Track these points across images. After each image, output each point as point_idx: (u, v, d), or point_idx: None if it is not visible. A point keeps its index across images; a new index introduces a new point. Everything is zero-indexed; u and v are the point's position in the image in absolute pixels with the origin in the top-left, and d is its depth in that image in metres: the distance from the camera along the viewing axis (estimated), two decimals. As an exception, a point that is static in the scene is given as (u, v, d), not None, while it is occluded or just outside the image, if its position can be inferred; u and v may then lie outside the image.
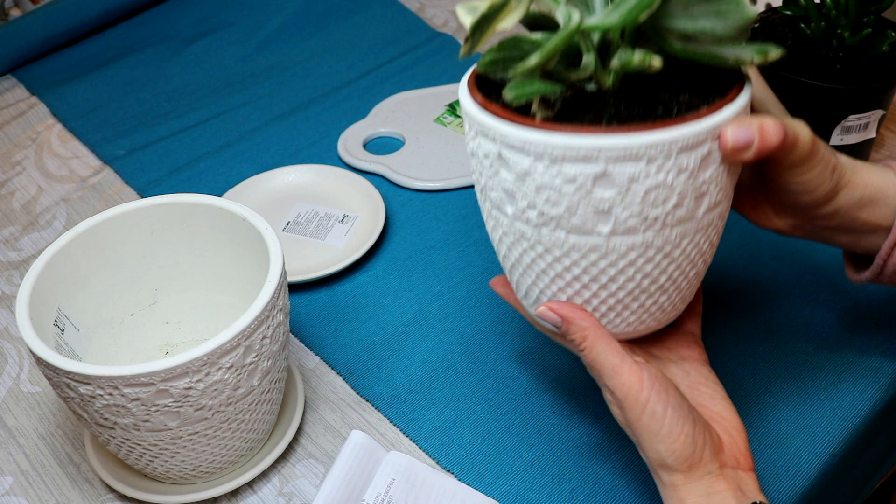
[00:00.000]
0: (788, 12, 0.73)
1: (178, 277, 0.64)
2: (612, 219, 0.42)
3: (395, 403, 0.63)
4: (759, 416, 0.59)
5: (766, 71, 0.73)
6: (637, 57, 0.40)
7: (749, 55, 0.41)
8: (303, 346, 0.68)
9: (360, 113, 0.91)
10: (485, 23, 0.40)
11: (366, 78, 0.97)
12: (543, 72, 0.43)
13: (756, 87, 0.48)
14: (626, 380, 0.44)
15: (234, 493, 0.58)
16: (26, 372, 0.68)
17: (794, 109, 0.73)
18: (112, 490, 0.59)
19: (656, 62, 0.40)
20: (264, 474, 0.59)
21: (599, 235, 0.43)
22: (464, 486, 0.57)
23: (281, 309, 0.53)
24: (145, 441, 0.52)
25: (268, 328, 0.52)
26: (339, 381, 0.65)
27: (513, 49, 0.41)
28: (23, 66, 1.04)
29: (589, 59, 0.42)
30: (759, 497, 0.46)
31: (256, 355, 0.51)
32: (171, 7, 1.12)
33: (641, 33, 0.44)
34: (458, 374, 0.64)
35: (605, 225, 0.43)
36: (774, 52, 0.41)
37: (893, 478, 0.79)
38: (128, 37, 1.08)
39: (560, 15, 0.41)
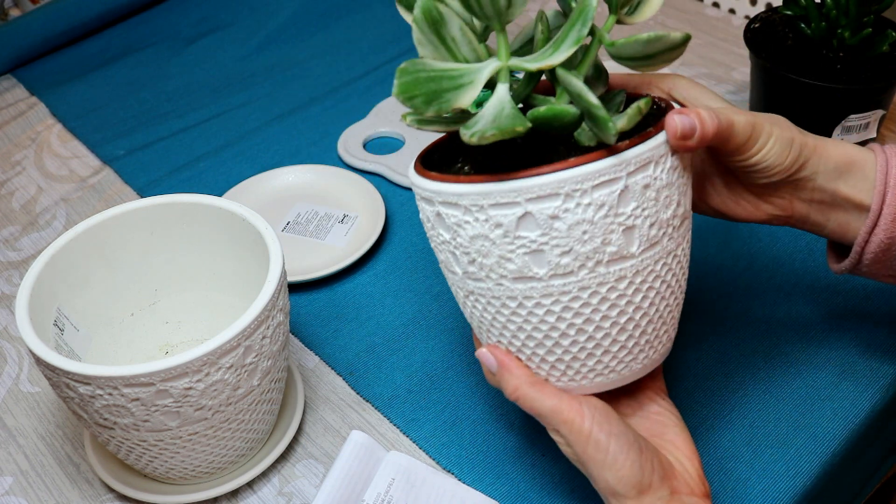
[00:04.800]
0: (788, 12, 0.73)
1: (178, 277, 0.64)
2: (545, 260, 0.43)
3: (395, 403, 0.63)
4: (759, 416, 0.59)
5: (768, 72, 0.74)
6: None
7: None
8: (303, 346, 0.68)
9: (360, 113, 0.91)
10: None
11: (366, 78, 0.97)
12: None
13: (684, 87, 0.51)
14: (567, 416, 0.45)
15: (234, 493, 0.58)
16: (26, 372, 0.68)
17: (795, 109, 0.73)
18: (112, 490, 0.59)
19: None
20: (264, 474, 0.59)
21: (536, 279, 0.44)
22: (464, 486, 0.57)
23: (281, 309, 0.53)
24: (145, 441, 0.52)
25: (268, 328, 0.52)
26: (339, 381, 0.65)
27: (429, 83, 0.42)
28: (23, 66, 1.04)
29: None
30: None
31: (256, 355, 0.51)
32: (171, 7, 1.12)
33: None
34: (458, 374, 0.64)
35: (539, 268, 0.44)
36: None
37: (893, 478, 0.79)
38: (128, 37, 1.08)
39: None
